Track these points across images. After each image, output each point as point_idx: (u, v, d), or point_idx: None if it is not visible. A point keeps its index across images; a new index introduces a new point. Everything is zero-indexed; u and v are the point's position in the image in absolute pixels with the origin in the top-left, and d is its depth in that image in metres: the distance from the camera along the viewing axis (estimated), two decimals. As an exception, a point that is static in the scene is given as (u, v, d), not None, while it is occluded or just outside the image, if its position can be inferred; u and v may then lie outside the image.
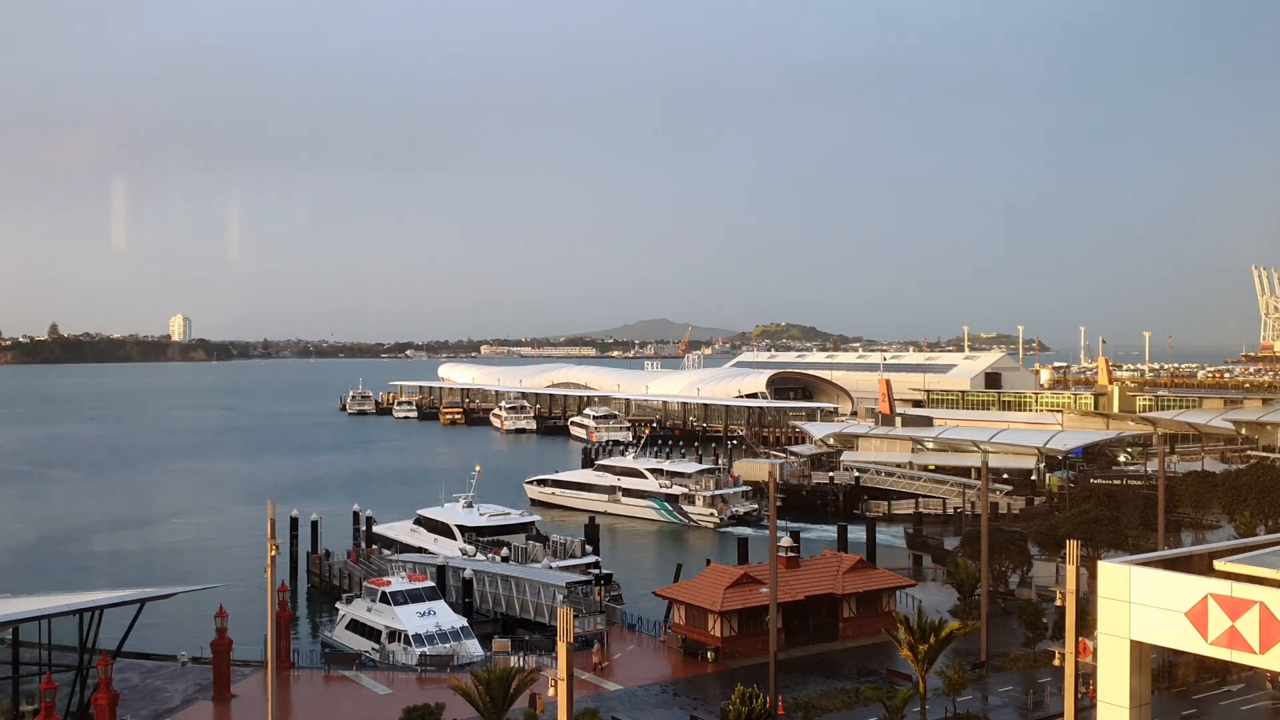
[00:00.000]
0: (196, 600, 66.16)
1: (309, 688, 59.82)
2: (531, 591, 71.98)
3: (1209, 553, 32.30)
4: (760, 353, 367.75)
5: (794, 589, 64.17)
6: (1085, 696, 44.39)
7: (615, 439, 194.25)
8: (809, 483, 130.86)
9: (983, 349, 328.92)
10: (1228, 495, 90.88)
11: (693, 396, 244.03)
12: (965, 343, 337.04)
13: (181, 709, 54.99)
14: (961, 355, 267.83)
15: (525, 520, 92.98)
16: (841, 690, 55.49)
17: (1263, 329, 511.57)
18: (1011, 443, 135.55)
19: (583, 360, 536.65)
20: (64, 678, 50.34)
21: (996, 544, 71.04)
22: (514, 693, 44.98)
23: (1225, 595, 28.06)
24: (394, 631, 64.98)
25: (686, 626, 64.24)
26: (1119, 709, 30.40)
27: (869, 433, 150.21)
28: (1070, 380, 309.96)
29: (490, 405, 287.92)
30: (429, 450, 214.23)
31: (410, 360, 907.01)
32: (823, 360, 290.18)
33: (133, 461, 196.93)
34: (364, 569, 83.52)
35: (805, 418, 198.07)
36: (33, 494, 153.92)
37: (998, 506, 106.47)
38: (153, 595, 56.98)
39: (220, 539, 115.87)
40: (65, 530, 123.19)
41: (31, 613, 51.24)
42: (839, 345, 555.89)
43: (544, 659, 59.03)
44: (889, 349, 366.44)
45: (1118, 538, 75.24)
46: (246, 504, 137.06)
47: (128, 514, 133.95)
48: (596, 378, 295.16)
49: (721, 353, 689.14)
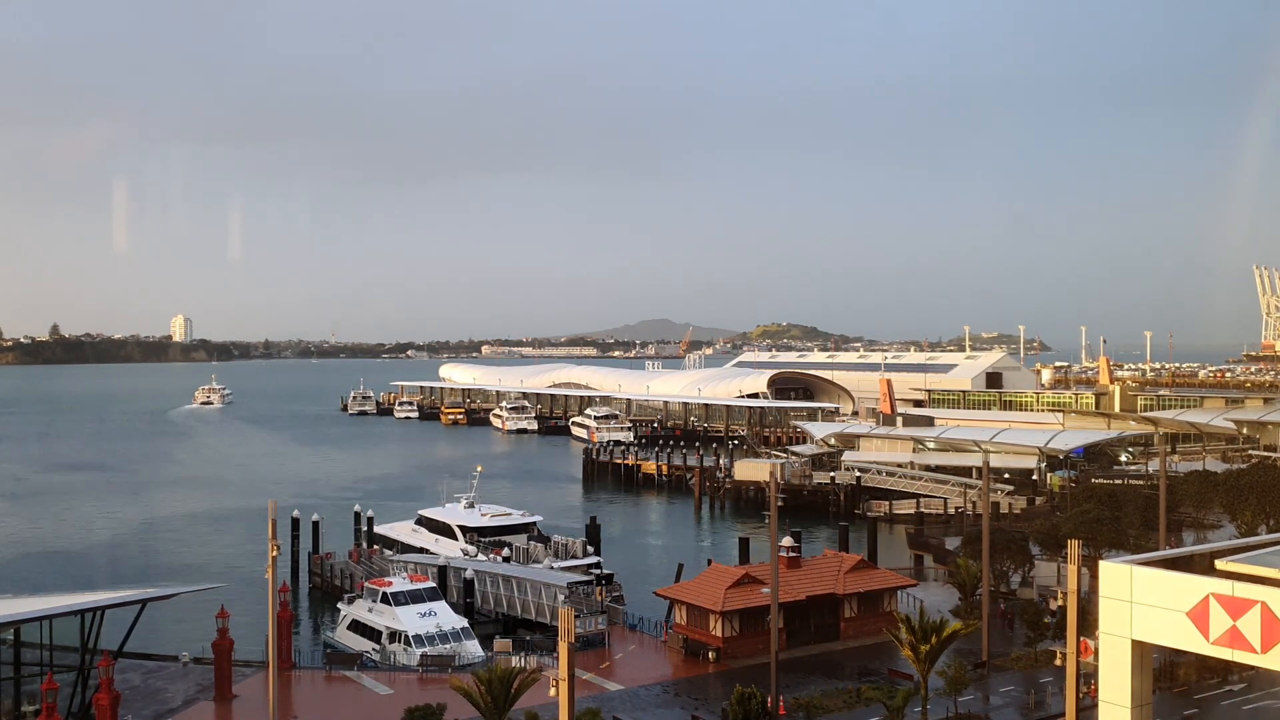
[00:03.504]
0: (198, 601, 66.30)
1: (310, 688, 59.82)
2: (533, 592, 71.95)
3: (1210, 552, 32.30)
4: (761, 353, 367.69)
5: (795, 589, 64.15)
6: (1087, 696, 44.37)
7: (616, 439, 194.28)
8: (810, 483, 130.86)
9: (984, 349, 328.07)
10: (1229, 495, 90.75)
11: (694, 396, 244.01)
12: (966, 343, 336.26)
13: (183, 709, 54.97)
14: (963, 355, 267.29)
15: (527, 520, 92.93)
16: (843, 690, 55.49)
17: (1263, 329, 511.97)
18: (1013, 442, 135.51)
19: (584, 360, 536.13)
20: (65, 678, 50.41)
21: (998, 544, 71.01)
22: (515, 693, 44.98)
23: (1227, 595, 28.05)
24: (394, 632, 64.98)
25: (688, 626, 64.23)
26: (1120, 709, 30.40)
27: (870, 433, 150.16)
28: (1071, 380, 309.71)
29: (491, 405, 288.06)
30: (430, 450, 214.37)
31: (411, 360, 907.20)
32: (824, 360, 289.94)
33: (133, 462, 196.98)
34: (365, 569, 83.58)
35: (806, 418, 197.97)
36: (33, 494, 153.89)
37: (999, 506, 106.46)
38: (154, 596, 57.14)
39: (221, 539, 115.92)
40: (66, 531, 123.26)
41: (33, 613, 51.33)
42: (840, 345, 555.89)
43: (545, 659, 59.08)
44: (890, 349, 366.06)
45: (1119, 537, 75.18)
46: (247, 504, 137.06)
47: (128, 514, 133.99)
48: (598, 378, 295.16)
49: (723, 353, 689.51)
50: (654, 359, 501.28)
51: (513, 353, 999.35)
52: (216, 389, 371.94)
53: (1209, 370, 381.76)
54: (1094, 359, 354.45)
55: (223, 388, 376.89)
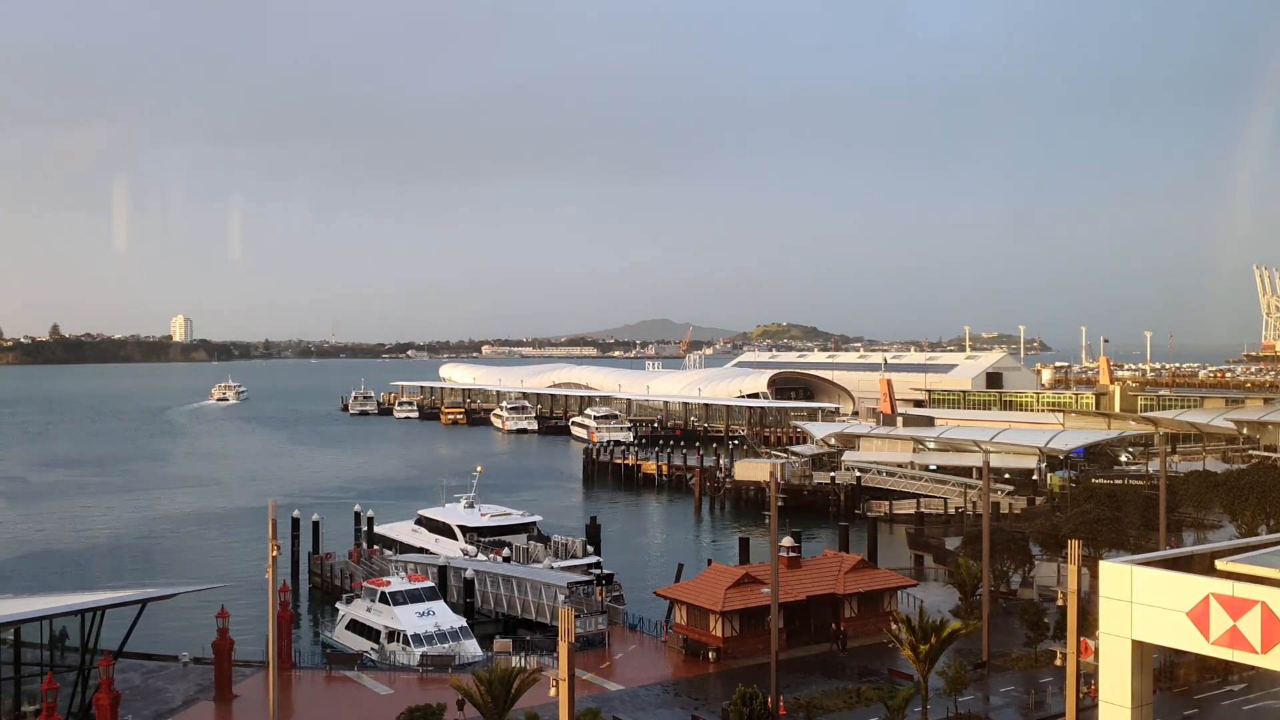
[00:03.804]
0: (198, 600, 66.27)
1: (310, 688, 59.82)
2: (533, 592, 71.93)
3: (1210, 552, 32.29)
4: (761, 353, 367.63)
5: (795, 589, 64.14)
6: (1087, 696, 44.37)
7: (616, 439, 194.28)
8: (810, 483, 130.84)
9: (984, 349, 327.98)
10: (1229, 495, 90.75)
11: (694, 396, 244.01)
12: (966, 342, 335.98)
13: (183, 709, 54.96)
14: (963, 355, 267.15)
15: (527, 520, 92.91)
16: (843, 690, 55.47)
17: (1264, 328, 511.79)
18: (1013, 442, 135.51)
19: (584, 360, 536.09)
20: (66, 678, 50.42)
21: (998, 544, 71.01)
22: (515, 693, 44.98)
23: (1227, 595, 28.04)
24: (393, 632, 64.99)
25: (688, 627, 64.21)
26: (1120, 709, 30.39)
27: (870, 433, 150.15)
28: (1071, 380, 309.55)
29: (491, 405, 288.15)
30: (430, 450, 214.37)
31: (411, 360, 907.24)
32: (824, 360, 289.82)
33: (134, 463, 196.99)
34: (365, 569, 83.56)
35: (806, 418, 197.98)
36: (33, 495, 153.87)
37: (999, 506, 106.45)
38: (154, 596, 57.11)
39: (221, 539, 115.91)
40: (66, 531, 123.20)
41: (33, 613, 51.33)
42: (840, 345, 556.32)
43: (545, 659, 59.06)
44: (890, 349, 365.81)
45: (1119, 537, 75.18)
46: (248, 504, 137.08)
47: (128, 514, 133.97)
48: (598, 378, 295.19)
49: (723, 353, 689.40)
50: (654, 359, 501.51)
51: (513, 353, 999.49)
52: (232, 386, 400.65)
53: (1209, 370, 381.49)
54: (1094, 359, 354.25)
55: (238, 385, 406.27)
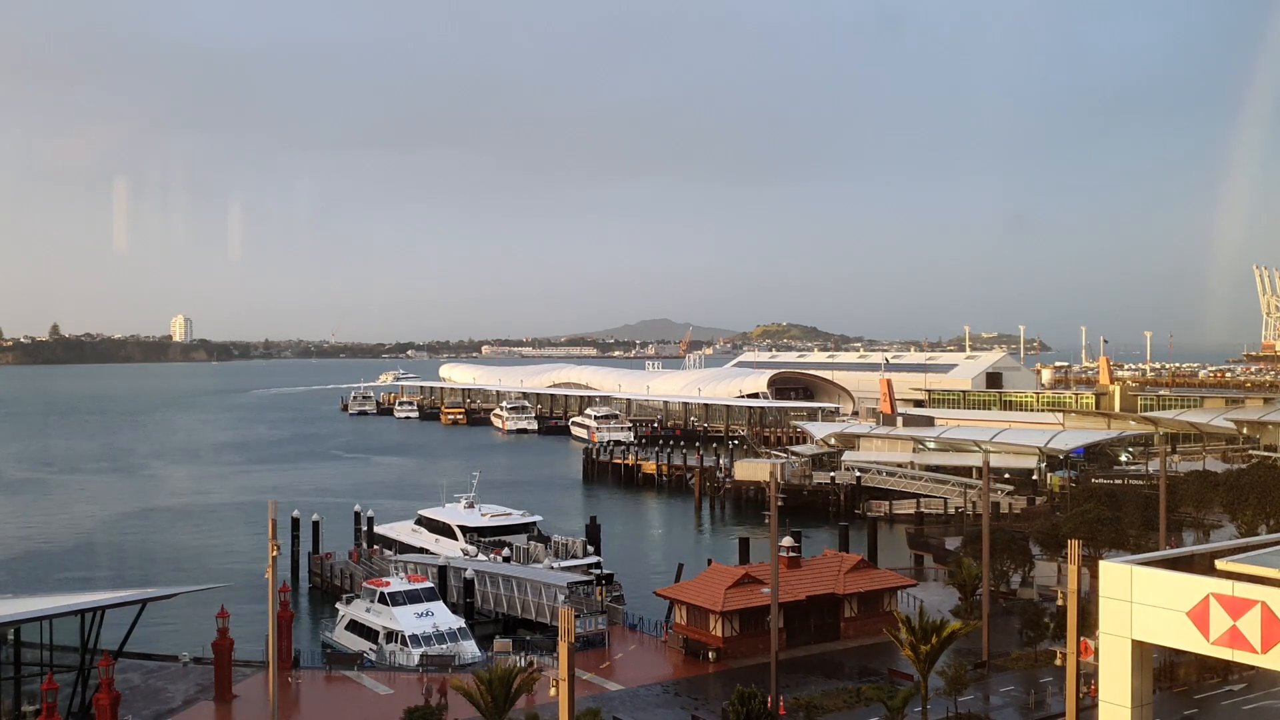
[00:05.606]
0: (198, 600, 66.18)
1: (310, 688, 59.83)
2: (533, 592, 71.95)
3: (1210, 552, 32.30)
4: (761, 353, 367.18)
5: (795, 589, 64.16)
6: (1087, 696, 44.39)
7: (616, 439, 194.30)
8: (810, 483, 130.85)
9: (984, 349, 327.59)
10: (1229, 495, 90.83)
11: (694, 396, 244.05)
12: (966, 342, 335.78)
13: (183, 709, 54.99)
14: (963, 355, 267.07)
15: (527, 520, 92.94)
16: (843, 690, 55.50)
17: (1264, 328, 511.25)
18: (1013, 442, 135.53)
19: (584, 360, 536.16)
20: (66, 678, 50.41)
21: (998, 544, 71.00)
22: (515, 693, 44.99)
23: (1227, 595, 28.05)
24: (391, 632, 65.02)
25: (688, 627, 64.23)
26: (1120, 709, 30.39)
27: (870, 432, 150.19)
28: (1071, 380, 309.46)
29: (491, 405, 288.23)
30: (430, 450, 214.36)
31: (411, 360, 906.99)
32: (824, 360, 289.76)
33: (133, 462, 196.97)
34: (365, 569, 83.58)
35: (806, 417, 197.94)
36: (33, 494, 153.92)
37: (999, 506, 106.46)
38: (154, 596, 57.09)
39: (221, 539, 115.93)
40: (66, 531, 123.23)
41: (33, 613, 51.38)
42: (840, 345, 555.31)
43: (545, 659, 59.06)
44: (890, 349, 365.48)
45: (1119, 537, 75.23)
46: (248, 504, 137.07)
47: (129, 514, 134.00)
48: (598, 378, 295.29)
49: (723, 353, 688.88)
50: (654, 359, 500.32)
51: (513, 353, 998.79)
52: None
53: (1209, 370, 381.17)
54: (1094, 359, 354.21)
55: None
